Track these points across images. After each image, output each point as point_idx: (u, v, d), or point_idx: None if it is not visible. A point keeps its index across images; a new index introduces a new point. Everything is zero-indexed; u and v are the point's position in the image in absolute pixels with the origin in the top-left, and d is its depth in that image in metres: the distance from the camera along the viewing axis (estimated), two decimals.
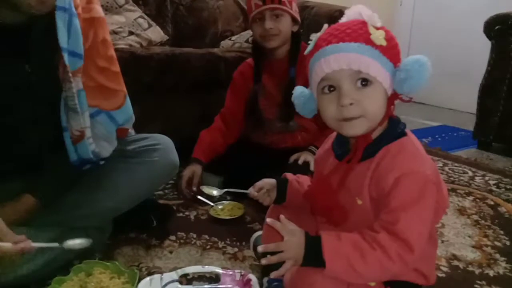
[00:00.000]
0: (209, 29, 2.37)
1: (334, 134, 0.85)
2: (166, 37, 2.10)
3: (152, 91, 1.71)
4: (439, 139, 2.48)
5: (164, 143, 1.13)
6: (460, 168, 1.93)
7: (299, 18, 1.52)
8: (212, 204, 1.43)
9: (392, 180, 0.70)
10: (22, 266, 0.90)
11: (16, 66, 0.91)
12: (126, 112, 1.07)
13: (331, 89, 0.74)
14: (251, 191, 1.00)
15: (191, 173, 1.48)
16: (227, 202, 1.45)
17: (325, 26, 0.77)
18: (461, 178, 1.81)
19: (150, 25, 2.03)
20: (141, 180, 1.07)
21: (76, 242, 0.90)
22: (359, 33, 0.72)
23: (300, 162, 1.41)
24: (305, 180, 0.98)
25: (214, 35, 2.38)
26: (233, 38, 2.24)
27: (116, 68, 1.05)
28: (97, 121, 1.01)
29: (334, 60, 0.72)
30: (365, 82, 0.72)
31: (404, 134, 0.77)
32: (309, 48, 0.77)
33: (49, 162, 0.99)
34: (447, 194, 0.79)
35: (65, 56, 0.91)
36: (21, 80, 0.91)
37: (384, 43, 0.71)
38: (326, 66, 0.72)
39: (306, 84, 0.81)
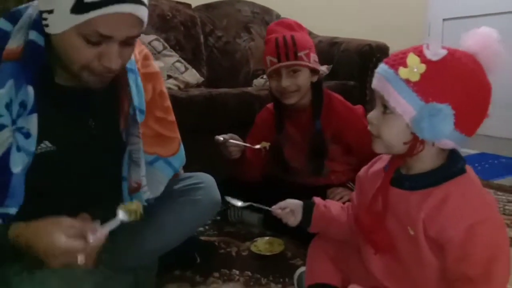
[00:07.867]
0: (241, 69, 2.48)
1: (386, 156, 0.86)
2: (201, 79, 2.20)
3: (192, 132, 1.77)
4: (479, 167, 2.42)
5: (206, 181, 1.16)
6: (504, 197, 1.87)
7: (318, 68, 1.45)
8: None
9: (464, 228, 0.68)
10: None
11: (80, 121, 0.95)
12: (181, 157, 1.13)
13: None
14: (275, 209, 1.01)
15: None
16: (267, 237, 1.47)
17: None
18: (507, 207, 1.75)
19: (186, 68, 2.14)
20: (187, 219, 1.10)
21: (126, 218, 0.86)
22: (400, 59, 0.71)
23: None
24: (332, 205, 0.98)
25: (247, 74, 2.48)
26: (265, 76, 2.32)
27: (172, 117, 1.11)
28: (155, 168, 1.06)
29: (375, 77, 0.75)
30: (386, 108, 0.73)
31: (463, 171, 0.74)
32: None
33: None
34: None
35: (137, 114, 0.97)
36: (85, 134, 0.95)
37: (415, 78, 0.68)
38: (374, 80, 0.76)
39: (335, 136, 0.81)
